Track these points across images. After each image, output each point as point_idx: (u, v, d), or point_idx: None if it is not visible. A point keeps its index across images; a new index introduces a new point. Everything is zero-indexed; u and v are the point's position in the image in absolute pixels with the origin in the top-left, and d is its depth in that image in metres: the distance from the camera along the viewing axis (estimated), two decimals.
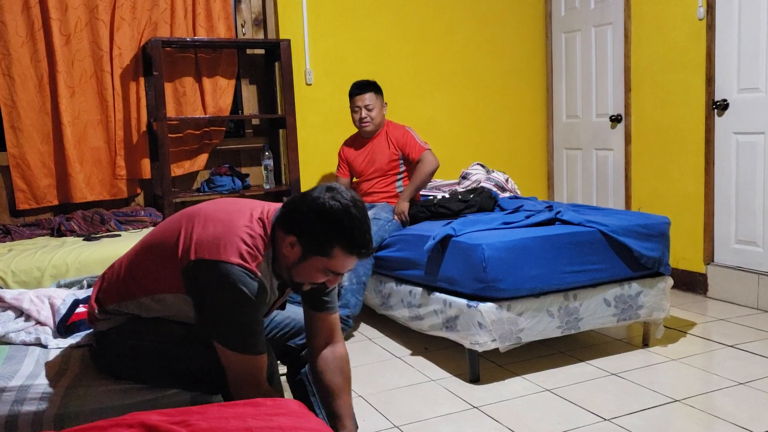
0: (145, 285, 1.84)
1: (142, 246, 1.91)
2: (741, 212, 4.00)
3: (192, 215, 1.83)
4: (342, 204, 1.69)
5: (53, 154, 4.03)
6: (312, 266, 1.74)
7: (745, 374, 2.94)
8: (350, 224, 1.68)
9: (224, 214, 1.81)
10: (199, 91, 4.36)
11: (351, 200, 1.71)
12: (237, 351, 1.71)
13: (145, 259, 1.87)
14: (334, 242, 1.69)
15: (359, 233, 1.70)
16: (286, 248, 1.73)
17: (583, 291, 3.09)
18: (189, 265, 1.72)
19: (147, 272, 1.84)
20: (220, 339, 1.72)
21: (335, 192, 1.71)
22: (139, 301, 1.85)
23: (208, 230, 1.74)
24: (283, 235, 1.74)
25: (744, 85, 3.92)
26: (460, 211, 3.65)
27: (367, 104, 3.90)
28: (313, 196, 1.71)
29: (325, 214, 1.68)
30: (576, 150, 5.21)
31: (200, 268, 1.70)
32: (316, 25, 4.61)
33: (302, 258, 1.73)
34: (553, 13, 5.32)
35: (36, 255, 3.16)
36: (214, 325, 1.73)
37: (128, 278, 1.87)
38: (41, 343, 2.16)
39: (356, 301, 3.54)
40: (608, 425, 2.52)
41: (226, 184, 4.19)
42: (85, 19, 4.02)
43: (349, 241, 1.70)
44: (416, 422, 2.61)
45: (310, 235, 1.70)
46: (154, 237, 1.89)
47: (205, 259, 1.69)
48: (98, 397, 1.79)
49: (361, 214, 1.71)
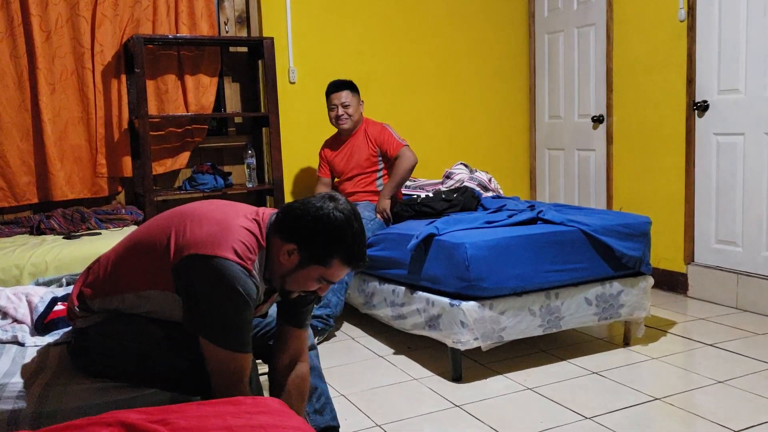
0: (131, 281, 1.81)
1: (131, 242, 1.88)
2: (721, 212, 4.03)
3: (184, 214, 1.81)
4: (345, 216, 1.71)
5: (33, 151, 3.98)
6: (308, 275, 1.75)
7: (725, 373, 2.96)
8: (352, 237, 1.72)
9: (219, 213, 1.79)
10: (181, 89, 4.33)
11: (352, 212, 1.74)
12: (224, 347, 1.69)
13: (133, 255, 1.84)
14: (335, 253, 1.72)
15: (359, 247, 1.75)
16: (283, 256, 1.73)
17: (564, 290, 3.11)
18: (182, 260, 1.69)
19: (134, 269, 1.81)
20: (207, 334, 1.69)
21: (337, 202, 1.73)
22: (123, 296, 1.83)
23: (202, 228, 1.73)
24: (281, 242, 1.74)
25: (724, 86, 3.95)
26: (444, 211, 3.65)
27: (343, 101, 3.91)
28: (317, 206, 1.72)
29: (329, 225, 1.70)
30: (558, 150, 5.24)
31: (194, 263, 1.67)
32: (299, 24, 4.59)
33: (299, 266, 1.74)
34: (536, 13, 5.34)
35: (15, 253, 3.13)
36: (203, 320, 1.70)
37: (114, 273, 1.85)
38: (18, 341, 2.13)
39: (338, 300, 3.53)
40: (589, 423, 2.53)
41: (209, 182, 4.16)
42: (66, 16, 3.98)
43: (350, 253, 1.73)
44: (399, 421, 2.61)
45: (312, 244, 1.71)
46: (142, 234, 1.87)
47: (200, 254, 1.67)
48: (76, 395, 1.76)
49: (360, 228, 1.75)
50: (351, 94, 3.93)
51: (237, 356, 1.70)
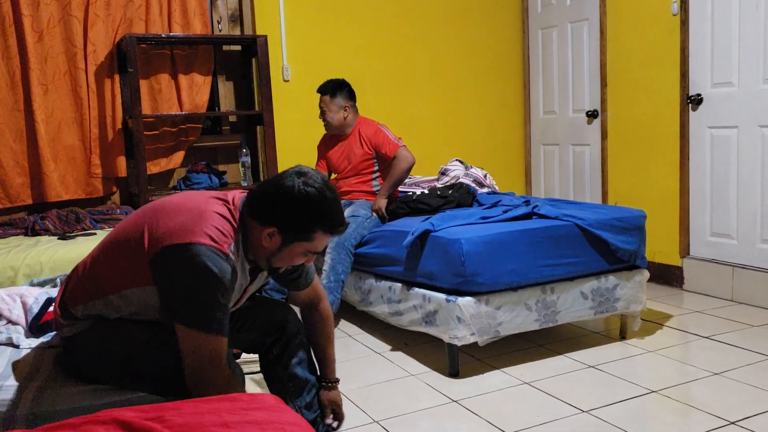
0: (111, 281, 1.79)
1: (106, 244, 1.87)
2: (716, 205, 4.04)
3: (155, 209, 1.81)
4: (317, 188, 1.73)
5: (27, 152, 3.97)
6: (292, 251, 1.80)
7: (721, 365, 2.97)
8: (328, 208, 1.75)
9: (190, 203, 1.79)
10: (175, 88, 4.32)
11: (322, 182, 1.76)
12: (198, 329, 1.66)
13: (109, 255, 1.83)
14: (315, 227, 1.75)
15: (337, 214, 1.78)
16: (265, 239, 1.76)
17: (560, 284, 3.11)
18: (158, 253, 1.69)
19: (112, 269, 1.80)
20: (182, 318, 1.67)
21: (306, 177, 1.74)
22: (106, 299, 1.81)
23: (176, 219, 1.72)
24: (259, 226, 1.75)
25: (717, 79, 3.96)
26: (439, 207, 3.65)
27: (321, 106, 3.93)
28: (287, 186, 1.72)
29: (303, 202, 1.72)
30: (553, 145, 5.24)
31: (169, 253, 1.67)
32: (293, 21, 4.58)
33: (282, 245, 1.77)
34: (530, 9, 5.34)
35: (10, 254, 3.12)
36: (177, 306, 1.68)
37: (93, 277, 1.83)
38: (13, 343, 2.12)
39: (334, 298, 3.53)
40: (587, 417, 2.53)
41: (203, 181, 4.16)
42: (58, 16, 3.97)
43: (330, 223, 1.77)
44: (396, 417, 2.61)
45: (290, 223, 1.74)
46: (117, 233, 1.86)
47: (174, 243, 1.67)
48: (70, 397, 1.76)
49: (333, 195, 1.77)
50: (330, 99, 3.90)
51: (211, 338, 1.68)
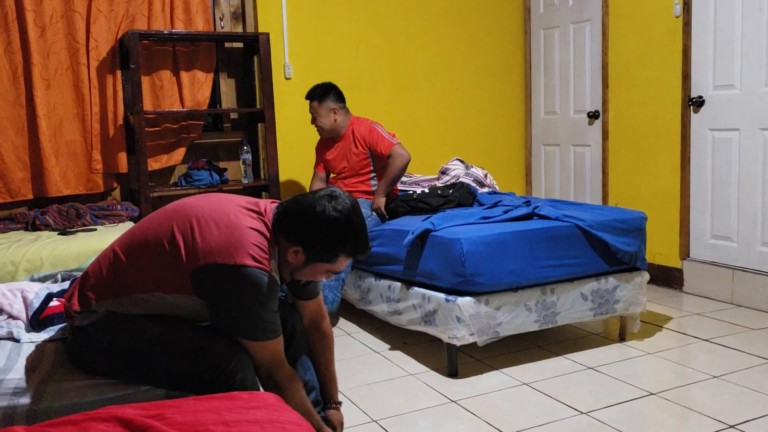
0: (140, 282, 1.83)
1: (131, 242, 1.88)
2: (716, 208, 4.04)
3: (186, 213, 1.83)
4: (345, 214, 1.80)
5: (28, 147, 3.97)
6: (315, 269, 1.90)
7: (720, 368, 2.97)
8: (353, 234, 1.83)
9: (222, 214, 1.82)
10: (176, 85, 4.32)
11: (351, 206, 1.83)
12: (257, 340, 1.80)
13: (137, 254, 1.85)
14: (339, 251, 1.84)
15: (361, 241, 1.87)
16: (291, 255, 1.84)
17: (560, 285, 3.11)
18: (200, 268, 1.75)
19: (141, 270, 1.83)
20: (242, 334, 1.80)
21: (336, 201, 1.81)
22: (134, 297, 1.85)
23: (212, 232, 1.77)
24: (286, 242, 1.83)
25: (719, 82, 3.96)
26: (439, 206, 3.65)
27: (312, 112, 3.95)
28: (317, 210, 1.79)
29: (330, 226, 1.79)
30: (554, 146, 5.24)
31: (215, 272, 1.74)
32: (295, 19, 4.58)
33: (306, 263, 1.86)
34: (532, 9, 5.34)
35: (10, 249, 3.12)
36: (235, 324, 1.80)
37: (120, 275, 1.86)
38: (14, 338, 2.13)
39: (334, 297, 3.53)
40: (585, 418, 2.53)
41: (204, 178, 4.16)
42: (61, 11, 3.96)
43: (353, 248, 1.85)
44: (394, 416, 2.61)
45: (316, 245, 1.82)
46: (143, 233, 1.87)
47: (218, 263, 1.73)
48: (72, 392, 1.76)
49: (360, 220, 1.84)
50: (319, 104, 3.91)
51: (269, 344, 1.82)
